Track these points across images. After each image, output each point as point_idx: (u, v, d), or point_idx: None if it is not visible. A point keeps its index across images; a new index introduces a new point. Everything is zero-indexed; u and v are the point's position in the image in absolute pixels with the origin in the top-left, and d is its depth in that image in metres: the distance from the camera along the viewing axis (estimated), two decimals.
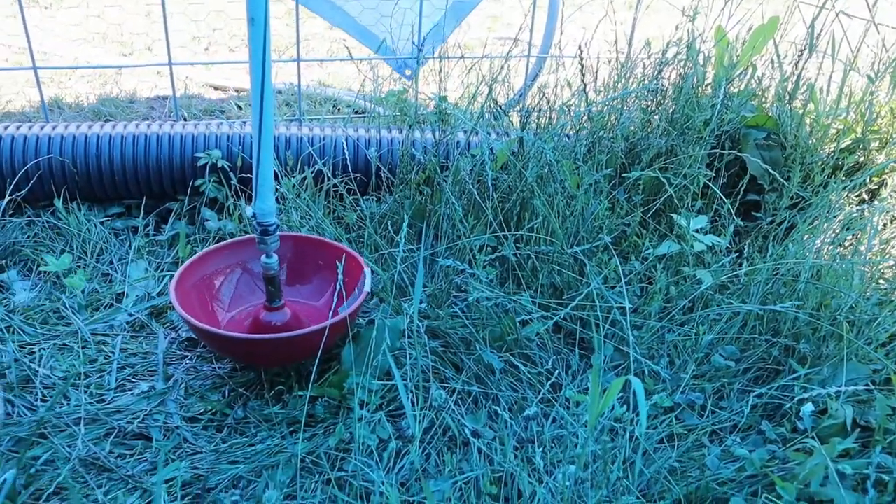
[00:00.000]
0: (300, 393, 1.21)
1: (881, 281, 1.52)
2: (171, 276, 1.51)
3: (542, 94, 1.74)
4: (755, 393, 1.21)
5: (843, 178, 1.75)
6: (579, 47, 1.61)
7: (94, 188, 1.68)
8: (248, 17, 1.01)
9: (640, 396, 0.77)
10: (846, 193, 1.74)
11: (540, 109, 1.65)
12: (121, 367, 1.27)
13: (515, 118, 2.15)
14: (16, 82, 2.68)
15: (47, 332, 1.35)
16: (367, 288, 1.22)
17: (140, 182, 1.69)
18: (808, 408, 1.16)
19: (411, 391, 1.16)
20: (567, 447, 1.10)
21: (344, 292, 1.26)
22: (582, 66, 1.61)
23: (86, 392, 1.20)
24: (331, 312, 1.27)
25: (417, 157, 1.66)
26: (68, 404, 1.17)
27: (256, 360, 1.24)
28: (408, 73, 1.98)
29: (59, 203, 1.63)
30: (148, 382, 1.24)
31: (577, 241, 1.49)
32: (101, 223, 1.66)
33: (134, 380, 1.25)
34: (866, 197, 1.86)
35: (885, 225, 1.77)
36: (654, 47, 1.90)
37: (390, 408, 1.20)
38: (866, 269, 1.46)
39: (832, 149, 1.86)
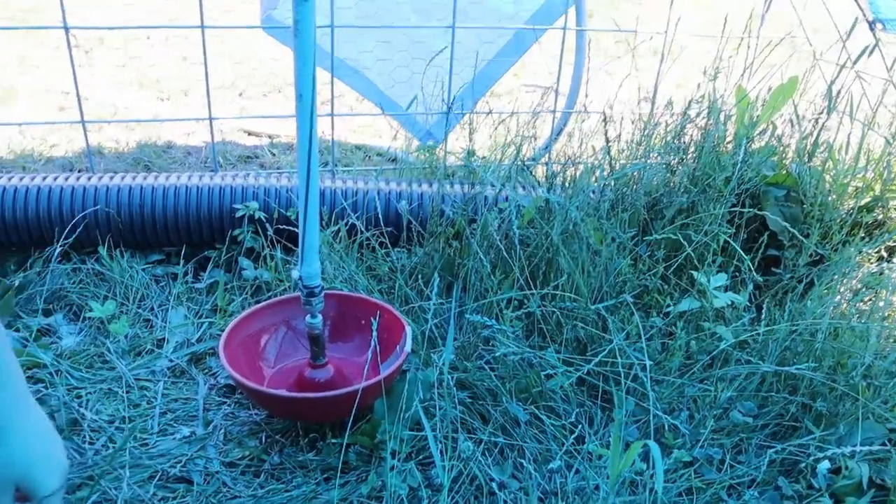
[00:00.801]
0: (333, 441, 1.26)
1: None
2: (217, 329, 1.58)
3: (568, 151, 1.81)
4: (773, 449, 1.24)
5: (863, 236, 1.80)
6: (603, 112, 1.68)
7: (136, 236, 1.77)
8: (297, 93, 1.09)
9: (657, 459, 0.81)
10: (864, 251, 1.77)
11: (565, 169, 1.71)
12: (162, 412, 1.34)
13: (541, 170, 2.22)
14: (59, 128, 2.79)
15: (92, 376, 1.42)
16: (407, 347, 1.28)
17: (180, 231, 1.78)
18: (825, 466, 1.19)
19: (440, 441, 1.21)
20: (589, 499, 1.14)
21: (378, 350, 1.32)
22: (606, 130, 1.67)
23: (130, 436, 1.26)
24: (366, 369, 1.32)
25: (447, 211, 1.73)
26: (113, 447, 1.23)
27: (302, 416, 1.30)
28: (431, 143, 2.06)
29: (103, 250, 1.72)
30: (189, 427, 1.30)
31: (600, 296, 1.54)
32: (143, 270, 1.74)
33: (175, 424, 1.31)
34: (885, 254, 1.90)
35: None
36: (676, 104, 1.96)
37: (420, 457, 1.24)
38: (883, 330, 1.49)
39: (851, 206, 1.90)
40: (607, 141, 1.68)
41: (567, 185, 1.78)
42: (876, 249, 1.84)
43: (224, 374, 1.45)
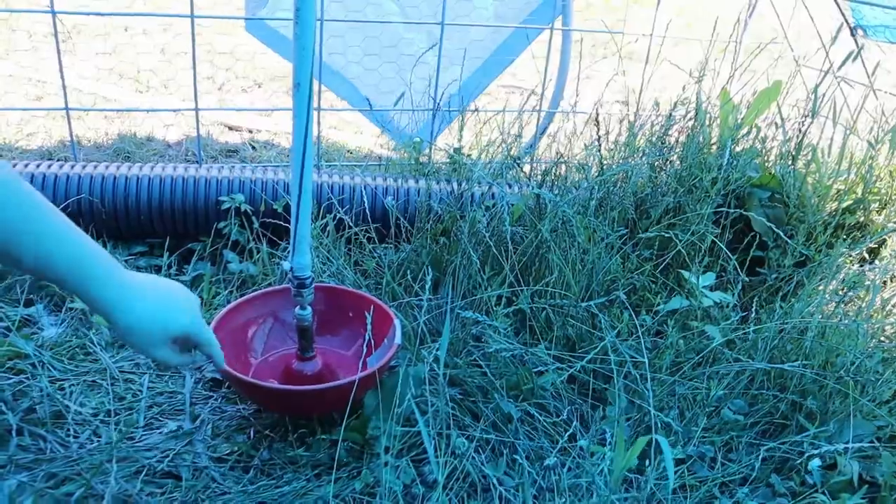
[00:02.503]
0: (323, 436, 1.24)
1: (883, 339, 1.58)
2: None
3: (554, 146, 1.81)
4: (765, 447, 1.25)
5: (845, 238, 1.82)
6: (595, 108, 1.68)
7: (119, 227, 1.73)
8: (294, 82, 1.06)
9: (666, 452, 0.81)
10: (847, 252, 1.79)
11: (556, 167, 1.71)
12: (148, 405, 1.31)
13: (526, 168, 2.22)
14: (36, 117, 2.73)
15: (75, 367, 1.39)
16: (397, 340, 1.27)
17: (164, 222, 1.74)
18: (816, 463, 1.20)
19: (433, 438, 1.20)
20: (583, 496, 1.13)
21: (373, 343, 1.31)
22: (598, 127, 1.67)
23: (116, 429, 1.23)
24: (360, 363, 1.31)
25: (434, 207, 1.72)
26: (99, 441, 1.20)
27: (292, 409, 1.28)
28: (418, 140, 2.05)
29: None
30: (175, 422, 1.27)
31: (588, 294, 1.54)
32: (126, 261, 1.71)
33: (162, 418, 1.28)
34: (866, 256, 1.93)
35: (884, 283, 1.83)
36: (662, 105, 1.97)
37: (412, 453, 1.23)
38: (868, 328, 1.51)
39: (834, 208, 1.92)
40: (598, 138, 1.69)
41: (555, 182, 1.78)
42: (857, 252, 1.87)
43: (210, 368, 1.42)
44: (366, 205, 1.80)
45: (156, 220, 1.73)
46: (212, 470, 1.17)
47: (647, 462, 1.11)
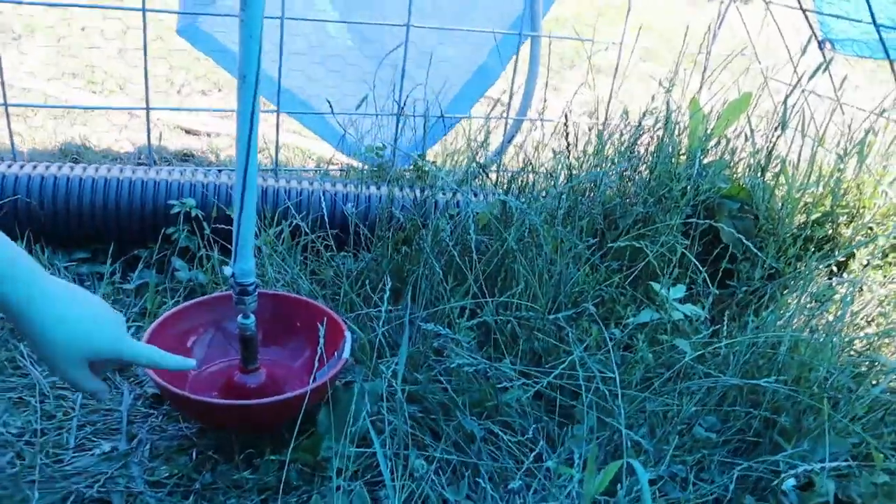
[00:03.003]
0: (272, 457, 1.16)
1: (852, 353, 1.54)
2: (143, 333, 1.46)
3: (521, 154, 1.75)
4: (739, 466, 1.19)
5: (814, 251, 1.79)
6: (565, 115, 1.62)
7: (59, 231, 1.63)
8: (240, 74, 0.99)
9: (641, 477, 0.75)
10: (816, 265, 1.76)
11: (524, 173, 1.65)
12: (81, 424, 1.21)
13: (493, 176, 2.16)
14: None
15: (2, 383, 1.28)
16: (345, 354, 1.19)
17: (109, 227, 1.65)
18: (790, 482, 1.15)
19: (390, 459, 1.12)
20: None
21: (325, 357, 1.22)
22: (567, 134, 1.62)
23: (42, 451, 1.13)
24: (311, 377, 1.22)
25: (396, 215, 1.64)
26: (22, 464, 1.10)
27: (230, 425, 1.19)
28: (381, 145, 1.98)
29: (22, 245, 1.57)
30: (110, 442, 1.17)
31: (556, 306, 1.48)
32: (66, 268, 1.60)
33: (95, 439, 1.18)
34: (835, 269, 1.90)
35: (852, 298, 1.80)
36: (631, 115, 1.93)
37: (367, 476, 1.15)
38: (838, 343, 1.47)
39: (803, 221, 1.89)
40: (568, 146, 1.63)
41: (522, 190, 1.72)
42: (826, 264, 1.84)
43: (150, 383, 1.32)
44: (324, 211, 1.72)
45: (99, 224, 1.63)
46: (147, 496, 1.08)
47: (617, 484, 1.05)
